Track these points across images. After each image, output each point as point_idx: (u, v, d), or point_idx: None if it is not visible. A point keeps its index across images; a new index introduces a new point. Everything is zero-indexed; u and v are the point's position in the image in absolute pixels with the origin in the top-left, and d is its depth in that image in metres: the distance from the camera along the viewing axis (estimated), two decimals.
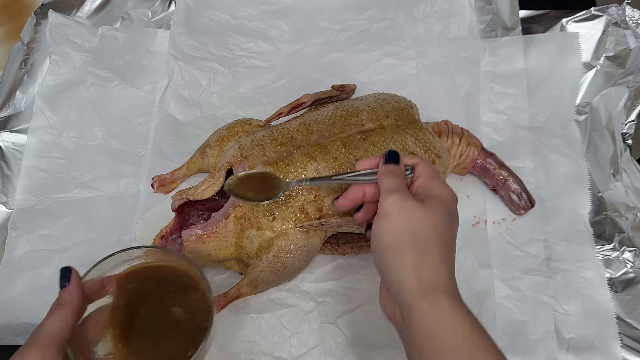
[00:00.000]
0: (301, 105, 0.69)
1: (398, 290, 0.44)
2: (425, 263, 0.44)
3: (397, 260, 0.44)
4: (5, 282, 0.69)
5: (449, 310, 0.42)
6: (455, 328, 0.42)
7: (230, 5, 0.85)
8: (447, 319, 0.42)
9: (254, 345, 0.66)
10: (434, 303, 0.42)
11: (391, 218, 0.46)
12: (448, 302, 0.43)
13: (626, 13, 0.80)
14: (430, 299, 0.42)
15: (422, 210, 0.46)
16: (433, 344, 0.42)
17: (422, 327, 0.42)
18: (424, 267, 0.44)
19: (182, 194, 0.66)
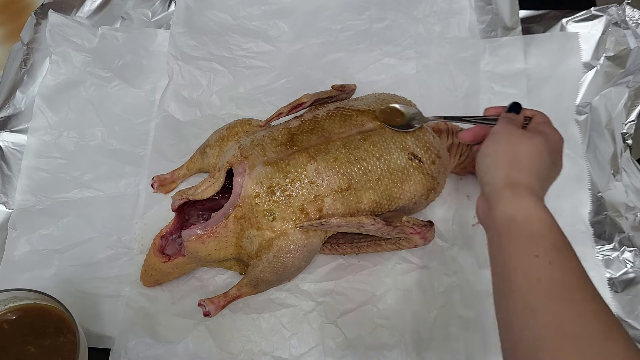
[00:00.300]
0: (301, 105, 0.69)
1: (489, 187, 0.52)
2: (517, 170, 0.51)
3: (494, 165, 0.52)
4: (5, 282, 0.69)
5: (527, 198, 0.48)
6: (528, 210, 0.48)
7: (230, 5, 0.85)
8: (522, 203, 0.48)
9: (254, 345, 0.66)
10: (515, 193, 0.49)
11: (497, 135, 0.54)
12: (527, 194, 0.49)
13: (626, 13, 0.80)
14: (513, 190, 0.49)
15: (525, 136, 0.53)
16: (508, 220, 0.48)
17: (502, 208, 0.49)
18: (514, 172, 0.51)
19: (182, 194, 0.66)
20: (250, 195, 0.62)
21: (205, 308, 0.65)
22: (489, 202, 0.51)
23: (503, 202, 0.49)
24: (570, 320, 0.41)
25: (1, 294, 0.56)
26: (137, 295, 0.69)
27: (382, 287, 0.69)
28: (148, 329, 0.67)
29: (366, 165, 0.63)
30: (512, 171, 0.50)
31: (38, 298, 0.57)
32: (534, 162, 0.51)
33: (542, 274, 0.44)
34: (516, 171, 0.50)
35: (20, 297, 0.58)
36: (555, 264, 0.44)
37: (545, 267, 0.44)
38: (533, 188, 0.49)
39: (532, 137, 0.53)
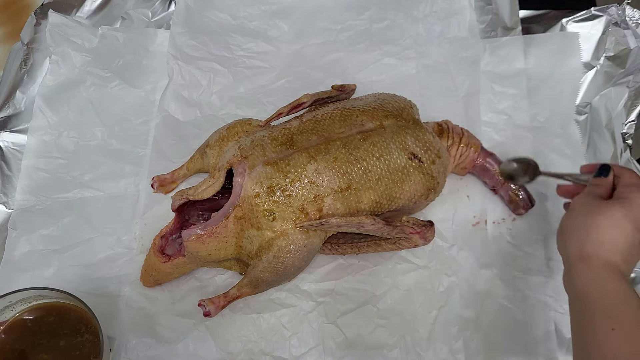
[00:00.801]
0: (301, 105, 0.69)
1: (566, 260, 0.52)
2: (590, 244, 0.50)
3: (568, 238, 0.53)
4: (5, 282, 0.69)
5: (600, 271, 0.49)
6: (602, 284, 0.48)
7: (230, 5, 0.85)
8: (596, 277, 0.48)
9: (254, 345, 0.66)
10: (590, 266, 0.49)
11: (573, 210, 0.54)
12: (600, 267, 0.49)
13: (626, 13, 0.80)
14: (587, 263, 0.50)
15: (602, 205, 0.52)
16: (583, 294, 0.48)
17: (577, 282, 0.49)
18: (587, 246, 0.50)
19: (182, 194, 0.66)
20: (250, 195, 0.62)
21: (205, 308, 0.65)
22: (568, 274, 0.52)
23: (577, 275, 0.50)
24: None
25: (26, 292, 0.57)
26: (137, 295, 0.69)
27: (382, 287, 0.69)
28: (148, 329, 0.67)
29: (366, 165, 0.63)
30: (585, 245, 0.50)
31: (61, 297, 0.58)
32: (611, 236, 0.50)
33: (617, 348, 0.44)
34: (589, 245, 0.50)
35: (44, 295, 0.59)
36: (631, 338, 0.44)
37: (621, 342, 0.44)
38: (610, 261, 0.49)
39: (609, 208, 0.51)
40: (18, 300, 0.58)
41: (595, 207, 0.52)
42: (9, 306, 0.58)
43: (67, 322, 0.58)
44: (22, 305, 0.59)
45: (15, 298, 0.57)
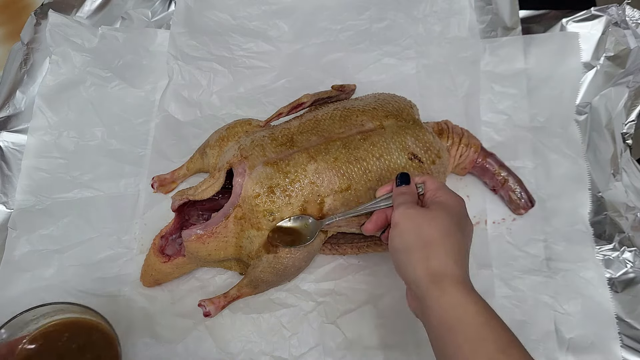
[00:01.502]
0: (301, 105, 0.69)
1: (414, 285, 0.49)
2: (432, 257, 0.48)
3: (409, 259, 0.49)
4: (5, 282, 0.69)
5: (455, 295, 0.46)
6: (460, 310, 0.45)
7: (230, 5, 0.85)
8: (455, 302, 0.46)
9: (254, 345, 0.66)
10: (442, 290, 0.46)
11: (399, 226, 0.51)
12: (456, 287, 0.46)
13: (626, 13, 0.80)
14: (439, 286, 0.47)
15: (426, 214, 0.50)
16: (443, 326, 0.45)
17: (435, 311, 0.46)
18: (431, 260, 0.48)
19: (182, 194, 0.66)
20: (251, 195, 0.62)
21: (205, 308, 0.65)
22: (419, 301, 0.49)
23: (432, 303, 0.46)
24: None
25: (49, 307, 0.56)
26: (137, 295, 0.69)
27: (382, 287, 0.69)
28: (148, 329, 0.67)
29: (366, 165, 0.63)
30: (430, 264, 0.47)
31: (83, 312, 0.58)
32: (446, 245, 0.48)
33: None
34: (434, 263, 0.47)
35: (66, 309, 0.58)
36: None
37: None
38: (456, 275, 0.47)
39: (435, 216, 0.50)
40: (42, 314, 0.57)
41: (420, 218, 0.50)
42: (33, 319, 0.57)
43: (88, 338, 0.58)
44: (45, 319, 0.58)
45: (40, 312, 0.57)
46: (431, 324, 0.47)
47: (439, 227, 0.49)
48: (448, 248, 0.48)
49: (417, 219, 0.50)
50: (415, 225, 0.50)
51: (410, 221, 0.50)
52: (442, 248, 0.48)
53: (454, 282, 0.47)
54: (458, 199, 0.53)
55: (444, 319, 0.46)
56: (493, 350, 0.43)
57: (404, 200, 0.53)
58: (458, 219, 0.51)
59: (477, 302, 0.46)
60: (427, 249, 0.48)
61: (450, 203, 0.52)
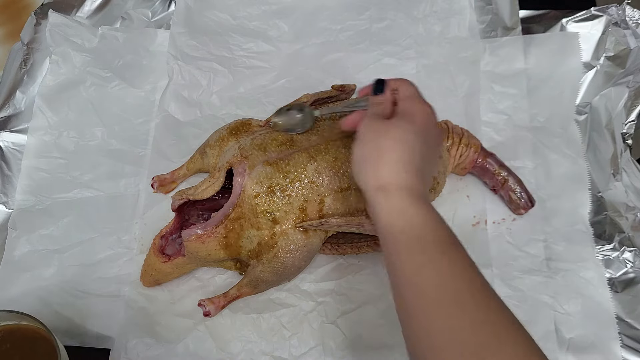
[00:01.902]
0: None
1: (365, 193, 0.49)
2: (383, 166, 0.48)
3: (364, 170, 0.49)
4: (5, 282, 0.69)
5: (398, 200, 0.46)
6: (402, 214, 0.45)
7: (230, 5, 0.85)
8: (396, 207, 0.46)
9: (254, 345, 0.66)
10: (387, 196, 0.46)
11: (361, 137, 0.51)
12: (398, 195, 0.46)
13: (626, 13, 0.80)
14: (384, 193, 0.46)
15: (388, 126, 0.50)
16: (387, 230, 0.45)
17: (379, 217, 0.46)
18: (381, 169, 0.48)
19: (182, 194, 0.66)
20: (250, 195, 0.62)
21: (205, 308, 0.65)
22: (370, 208, 0.49)
23: (379, 208, 0.46)
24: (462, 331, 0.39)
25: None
26: (137, 295, 0.69)
27: (382, 287, 0.69)
28: (148, 329, 0.67)
29: None
30: (378, 173, 0.47)
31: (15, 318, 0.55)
32: (399, 154, 0.47)
33: (427, 284, 0.42)
34: (382, 172, 0.47)
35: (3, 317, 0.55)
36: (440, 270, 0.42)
37: (429, 276, 0.42)
38: (405, 184, 0.46)
39: (395, 127, 0.49)
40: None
41: (382, 129, 0.49)
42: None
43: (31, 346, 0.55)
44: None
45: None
46: (379, 233, 0.47)
47: (395, 137, 0.48)
48: (400, 157, 0.47)
49: (378, 131, 0.49)
50: (375, 136, 0.49)
51: (371, 133, 0.50)
52: (394, 156, 0.47)
53: (399, 189, 0.46)
54: (422, 108, 0.52)
55: (387, 224, 0.45)
56: (431, 249, 0.43)
57: (374, 110, 0.53)
58: (419, 128, 0.50)
59: (422, 207, 0.45)
60: (379, 159, 0.48)
61: (413, 112, 0.51)
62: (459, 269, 0.43)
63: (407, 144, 0.48)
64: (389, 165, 0.47)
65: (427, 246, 0.43)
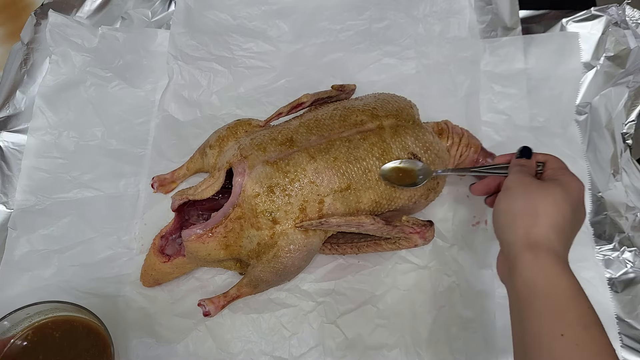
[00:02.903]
0: (301, 105, 0.69)
1: (509, 247, 0.49)
2: (536, 226, 0.48)
3: (512, 221, 0.49)
4: (5, 282, 0.69)
5: (549, 263, 0.46)
6: (551, 278, 0.45)
7: (230, 5, 0.85)
8: (545, 269, 0.45)
9: (254, 345, 0.66)
10: (536, 255, 0.46)
11: (511, 190, 0.51)
12: (549, 258, 0.46)
13: (626, 13, 0.80)
14: (534, 252, 0.46)
15: (541, 186, 0.50)
16: (529, 289, 0.45)
17: (523, 274, 0.46)
18: (533, 230, 0.48)
19: (182, 194, 0.66)
20: (250, 195, 0.62)
21: (205, 308, 0.65)
22: (509, 263, 0.49)
23: (523, 265, 0.46)
24: None
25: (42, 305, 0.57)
26: (137, 295, 0.69)
27: (382, 287, 0.69)
28: (148, 329, 0.67)
29: (366, 164, 0.63)
30: (532, 230, 0.48)
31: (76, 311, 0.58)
32: (554, 219, 0.48)
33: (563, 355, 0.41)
34: (536, 230, 0.47)
35: (61, 308, 0.59)
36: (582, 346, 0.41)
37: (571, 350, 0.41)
38: (555, 249, 0.47)
39: (550, 189, 0.49)
40: (36, 312, 0.58)
41: (537, 188, 0.50)
42: (27, 318, 0.58)
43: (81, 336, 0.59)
44: (39, 317, 0.59)
45: (33, 310, 0.57)
46: (516, 287, 0.47)
47: (550, 201, 0.48)
48: (554, 222, 0.48)
49: (530, 188, 0.50)
50: (528, 193, 0.49)
51: (523, 187, 0.50)
52: (549, 220, 0.47)
53: (550, 253, 0.46)
54: (579, 183, 0.52)
55: (531, 283, 0.45)
56: (575, 324, 0.42)
57: (520, 169, 0.53)
58: (574, 200, 0.50)
59: (570, 277, 0.45)
60: (534, 218, 0.48)
61: (570, 184, 0.51)
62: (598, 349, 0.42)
63: (562, 211, 0.48)
64: (543, 226, 0.47)
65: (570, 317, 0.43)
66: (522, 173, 0.52)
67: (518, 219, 0.49)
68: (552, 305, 0.43)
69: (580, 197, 0.51)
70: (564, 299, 0.44)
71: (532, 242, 0.47)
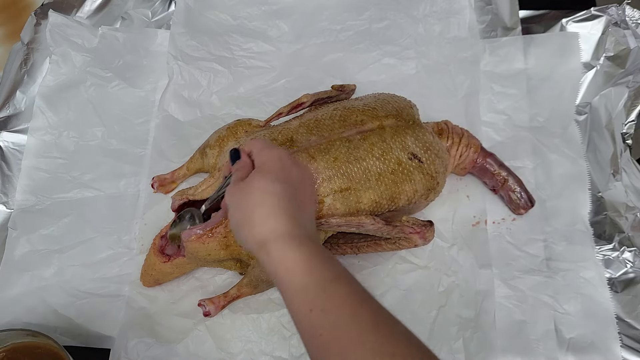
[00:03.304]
0: (301, 105, 0.70)
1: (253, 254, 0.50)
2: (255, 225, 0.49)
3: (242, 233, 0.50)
4: (5, 282, 0.69)
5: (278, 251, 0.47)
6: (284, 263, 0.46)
7: (230, 5, 0.85)
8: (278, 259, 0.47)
9: (253, 345, 0.66)
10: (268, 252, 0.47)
11: (230, 204, 0.52)
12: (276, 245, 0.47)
13: (626, 13, 0.80)
14: (265, 249, 0.47)
15: (245, 186, 0.51)
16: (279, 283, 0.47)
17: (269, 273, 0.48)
18: (254, 228, 0.49)
19: (182, 194, 0.66)
20: None
21: (205, 308, 0.65)
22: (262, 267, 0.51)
23: (266, 265, 0.48)
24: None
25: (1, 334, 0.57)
26: (137, 295, 0.69)
27: (382, 287, 0.69)
28: (148, 329, 0.67)
29: (366, 165, 0.63)
30: (254, 232, 0.48)
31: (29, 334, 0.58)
32: (267, 209, 0.48)
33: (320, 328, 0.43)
34: (256, 230, 0.48)
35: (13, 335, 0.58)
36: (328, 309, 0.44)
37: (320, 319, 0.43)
38: (279, 234, 0.47)
39: (251, 183, 0.50)
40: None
41: (241, 191, 0.50)
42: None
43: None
44: None
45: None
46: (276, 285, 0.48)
47: (254, 193, 0.49)
48: (267, 210, 0.48)
49: (238, 194, 0.51)
50: (238, 200, 0.50)
51: (234, 199, 0.51)
52: (261, 211, 0.48)
53: (276, 241, 0.47)
54: (272, 153, 0.53)
55: (276, 278, 0.47)
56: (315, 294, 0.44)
57: (234, 179, 0.53)
58: (277, 172, 0.51)
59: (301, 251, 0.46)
60: (251, 221, 0.49)
61: (265, 161, 0.52)
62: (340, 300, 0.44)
63: (270, 193, 0.49)
64: (259, 221, 0.48)
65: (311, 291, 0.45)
66: (234, 183, 0.52)
67: (242, 228, 0.50)
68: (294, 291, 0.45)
69: (283, 164, 0.52)
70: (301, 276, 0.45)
71: (261, 242, 0.48)
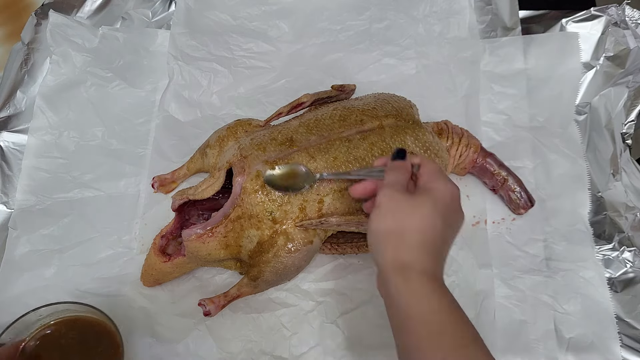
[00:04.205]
0: (301, 105, 0.70)
1: (380, 268, 0.48)
2: (404, 246, 0.47)
3: (382, 243, 0.48)
4: (6, 282, 0.69)
5: (420, 285, 0.45)
6: (423, 301, 0.44)
7: (230, 5, 0.85)
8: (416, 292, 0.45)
9: (254, 345, 0.67)
10: (406, 279, 0.45)
11: (381, 208, 0.49)
12: (420, 279, 0.45)
13: (626, 13, 0.80)
14: (404, 275, 0.45)
15: (410, 201, 0.48)
16: (405, 314, 0.45)
17: (396, 300, 0.45)
18: (402, 248, 0.47)
19: (182, 194, 0.66)
20: (250, 194, 0.62)
21: (205, 308, 0.65)
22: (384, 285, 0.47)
23: (395, 289, 0.45)
24: None
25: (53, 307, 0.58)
26: (138, 295, 0.69)
27: None
28: (148, 329, 0.67)
29: (365, 164, 0.63)
30: (400, 252, 0.46)
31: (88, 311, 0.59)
32: (423, 236, 0.46)
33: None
34: (404, 252, 0.46)
35: (72, 309, 0.60)
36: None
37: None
38: (425, 267, 0.46)
39: (418, 204, 0.48)
40: (48, 314, 0.59)
41: (405, 204, 0.48)
42: (39, 320, 0.59)
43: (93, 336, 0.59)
44: (50, 319, 0.60)
45: (45, 312, 0.58)
46: (392, 312, 0.46)
47: (418, 217, 0.47)
48: (423, 240, 0.46)
49: (400, 204, 0.48)
50: (397, 210, 0.48)
51: (393, 204, 0.48)
52: (417, 239, 0.46)
53: (420, 273, 0.45)
54: (449, 188, 0.50)
55: (404, 308, 0.44)
56: (453, 346, 0.43)
57: (394, 179, 0.51)
58: (444, 209, 0.48)
59: (442, 296, 0.45)
60: (401, 237, 0.47)
61: (439, 191, 0.49)
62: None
63: (430, 225, 0.47)
64: (411, 246, 0.46)
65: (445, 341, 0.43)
66: (394, 188, 0.50)
67: (386, 240, 0.47)
68: (428, 331, 0.43)
69: (451, 203, 0.50)
70: (439, 322, 0.43)
71: (401, 265, 0.46)
